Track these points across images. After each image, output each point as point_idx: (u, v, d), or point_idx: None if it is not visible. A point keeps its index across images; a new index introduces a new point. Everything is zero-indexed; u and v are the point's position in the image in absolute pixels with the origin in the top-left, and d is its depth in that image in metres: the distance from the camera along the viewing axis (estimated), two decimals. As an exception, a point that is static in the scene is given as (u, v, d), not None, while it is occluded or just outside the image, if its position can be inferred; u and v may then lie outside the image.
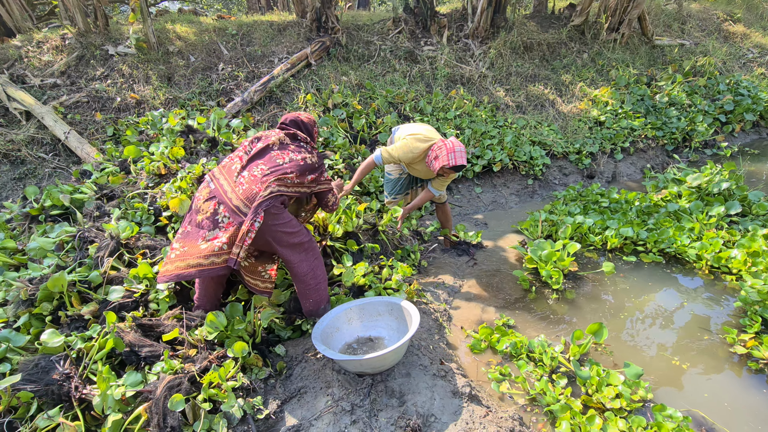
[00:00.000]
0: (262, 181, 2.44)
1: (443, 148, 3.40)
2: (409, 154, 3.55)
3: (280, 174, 2.47)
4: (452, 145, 3.39)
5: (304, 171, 2.59)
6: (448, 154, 3.36)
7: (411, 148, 3.53)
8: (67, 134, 4.89)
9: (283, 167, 2.51)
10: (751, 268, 3.50)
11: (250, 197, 2.40)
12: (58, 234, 3.24)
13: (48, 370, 2.32)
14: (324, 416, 2.25)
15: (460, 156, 3.37)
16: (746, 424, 2.41)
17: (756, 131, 7.64)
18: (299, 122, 2.81)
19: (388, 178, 4.17)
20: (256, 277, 2.71)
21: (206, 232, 2.45)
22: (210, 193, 2.52)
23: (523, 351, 2.94)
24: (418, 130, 3.64)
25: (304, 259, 2.62)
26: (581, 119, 6.69)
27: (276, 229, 2.48)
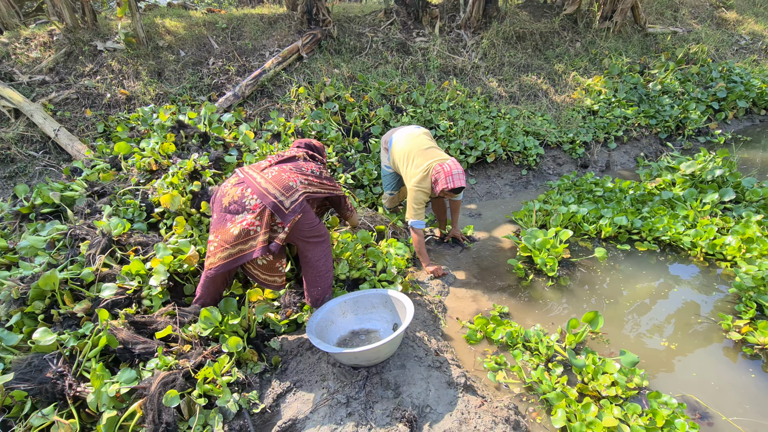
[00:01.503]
0: (290, 173, 2.63)
1: (441, 172, 3.45)
2: (425, 197, 3.62)
3: (305, 175, 2.69)
4: (449, 168, 3.43)
5: (324, 181, 2.82)
6: (446, 178, 3.41)
7: (424, 190, 3.58)
8: (56, 132, 4.84)
9: (305, 173, 2.72)
10: (745, 254, 3.51)
11: (280, 182, 2.53)
12: (49, 232, 3.21)
13: (41, 369, 2.31)
14: (320, 409, 2.25)
15: (458, 179, 3.41)
16: (740, 408, 2.43)
17: (749, 118, 7.65)
18: (312, 146, 3.12)
19: (386, 172, 4.15)
20: (273, 273, 2.74)
21: (234, 216, 2.50)
22: (238, 181, 2.59)
23: (518, 340, 2.95)
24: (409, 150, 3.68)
25: (318, 245, 2.72)
26: (574, 109, 6.68)
27: (303, 221, 2.59)
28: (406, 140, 3.77)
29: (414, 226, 3.64)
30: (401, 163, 3.73)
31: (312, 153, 3.05)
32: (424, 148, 3.66)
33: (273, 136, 5.04)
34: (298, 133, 5.04)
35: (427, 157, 3.59)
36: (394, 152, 3.83)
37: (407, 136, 3.80)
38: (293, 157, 2.86)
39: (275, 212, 2.46)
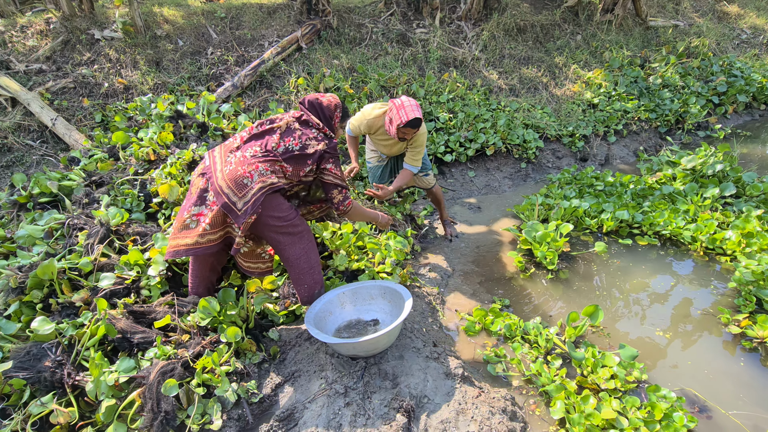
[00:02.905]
0: (249, 162, 2.37)
1: (393, 108, 3.24)
2: (366, 120, 3.49)
3: (274, 158, 2.41)
4: (401, 102, 3.22)
5: (301, 160, 2.46)
6: (398, 111, 3.18)
7: (366, 113, 3.51)
8: (54, 121, 4.80)
9: (275, 153, 2.42)
10: (745, 248, 3.52)
11: (233, 179, 2.34)
12: (47, 221, 3.20)
13: (40, 358, 2.31)
14: (318, 399, 2.25)
15: (411, 110, 3.15)
16: (739, 401, 2.44)
17: (749, 113, 7.63)
18: (316, 105, 2.61)
19: (369, 166, 4.11)
20: (257, 260, 2.72)
21: (193, 207, 2.44)
22: (203, 169, 2.48)
23: (518, 333, 2.95)
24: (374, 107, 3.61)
25: (295, 242, 2.57)
26: (574, 102, 6.65)
27: (268, 215, 2.44)
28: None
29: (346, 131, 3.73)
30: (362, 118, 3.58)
31: (307, 117, 2.58)
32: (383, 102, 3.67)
33: (272, 127, 5.01)
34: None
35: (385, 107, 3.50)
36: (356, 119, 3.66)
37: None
38: (271, 129, 2.51)
39: (228, 213, 2.34)
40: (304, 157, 2.47)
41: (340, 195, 2.63)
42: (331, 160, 2.55)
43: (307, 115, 2.58)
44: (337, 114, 2.67)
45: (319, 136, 2.53)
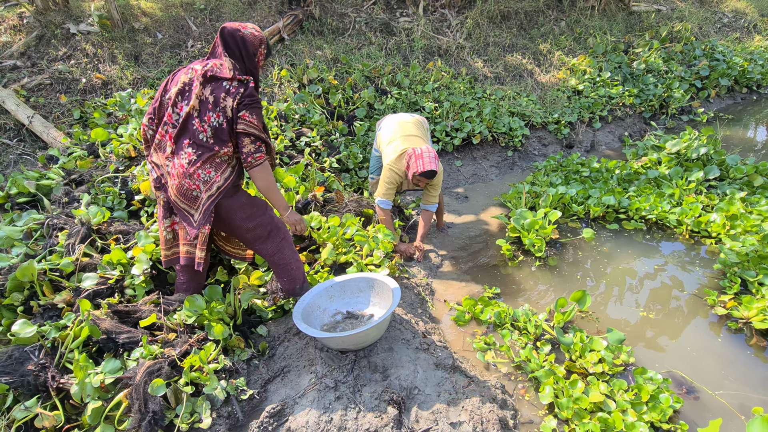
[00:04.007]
0: (190, 173, 2.21)
1: (412, 156, 3.36)
2: (397, 177, 3.54)
3: (207, 157, 2.21)
4: (421, 151, 3.34)
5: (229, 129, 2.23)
6: (416, 161, 3.32)
7: (395, 171, 3.52)
8: (31, 118, 4.68)
9: (206, 144, 2.21)
10: (729, 231, 3.56)
11: (183, 194, 2.25)
12: (26, 222, 3.12)
13: (22, 361, 2.26)
14: (308, 394, 2.24)
15: (429, 161, 3.29)
16: (725, 381, 2.48)
17: (731, 96, 7.71)
18: (238, 38, 2.22)
19: (375, 155, 4.08)
20: (236, 247, 2.70)
21: (164, 219, 2.46)
22: (154, 182, 2.37)
23: (507, 320, 2.96)
24: (394, 135, 3.63)
25: (266, 242, 2.52)
26: (559, 89, 6.66)
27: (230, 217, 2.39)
28: (394, 124, 3.73)
29: (380, 205, 3.57)
30: (384, 144, 3.70)
31: (215, 69, 2.17)
32: (407, 134, 3.62)
33: (256, 120, 4.94)
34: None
35: (408, 142, 3.55)
36: (380, 134, 3.81)
37: (398, 121, 3.76)
38: (189, 115, 2.20)
39: (188, 225, 2.31)
40: (228, 124, 2.22)
41: (252, 145, 2.22)
42: (246, 107, 2.20)
43: (219, 59, 2.22)
44: (261, 51, 2.32)
45: (231, 88, 2.17)
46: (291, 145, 4.60)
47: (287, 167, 4.14)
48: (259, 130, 2.23)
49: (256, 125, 2.22)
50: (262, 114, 2.26)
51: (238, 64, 2.22)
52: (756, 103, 7.53)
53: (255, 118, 2.21)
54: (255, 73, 2.31)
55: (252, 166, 2.25)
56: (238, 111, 2.18)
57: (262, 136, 2.24)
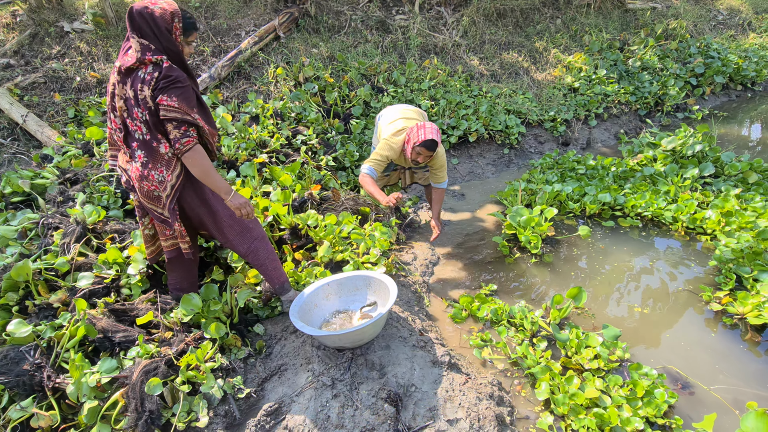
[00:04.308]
0: (145, 176, 2.17)
1: (413, 129, 3.36)
2: (392, 152, 3.50)
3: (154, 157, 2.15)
4: (423, 124, 3.33)
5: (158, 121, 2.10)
6: (418, 132, 3.30)
7: (391, 144, 3.49)
8: (24, 117, 4.65)
9: (149, 145, 2.14)
10: (724, 227, 3.58)
11: (147, 197, 2.24)
12: (20, 221, 3.10)
13: (18, 361, 2.25)
14: (305, 392, 2.24)
15: (430, 131, 3.26)
16: (720, 376, 2.49)
17: (725, 93, 7.75)
18: (147, 17, 2.02)
19: None
20: None
21: (142, 218, 2.46)
22: (125, 185, 2.35)
23: (503, 317, 2.97)
24: (395, 117, 3.64)
25: (240, 240, 2.49)
26: (555, 86, 6.67)
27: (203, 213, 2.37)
28: (395, 110, 3.78)
29: (363, 171, 3.44)
30: (383, 128, 3.68)
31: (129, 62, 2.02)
32: (408, 117, 3.67)
33: (251, 118, 4.93)
34: (277, 115, 4.94)
35: (409, 123, 3.60)
36: (380, 123, 3.79)
37: (399, 108, 3.80)
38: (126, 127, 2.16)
39: (164, 224, 2.33)
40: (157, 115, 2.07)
41: (176, 131, 2.05)
42: (162, 90, 2.02)
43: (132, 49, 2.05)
44: (175, 25, 2.09)
45: (146, 75, 2.02)
46: (287, 143, 4.59)
47: (283, 165, 4.13)
48: (181, 113, 2.03)
49: (177, 107, 2.02)
50: (187, 93, 2.06)
51: (153, 44, 2.03)
52: (750, 101, 7.57)
53: (175, 99, 2.02)
54: (176, 51, 2.11)
55: (181, 152, 2.09)
56: (155, 97, 2.03)
57: (186, 119, 2.05)
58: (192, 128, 2.10)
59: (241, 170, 3.80)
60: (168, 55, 2.07)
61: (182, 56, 2.14)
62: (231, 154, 4.05)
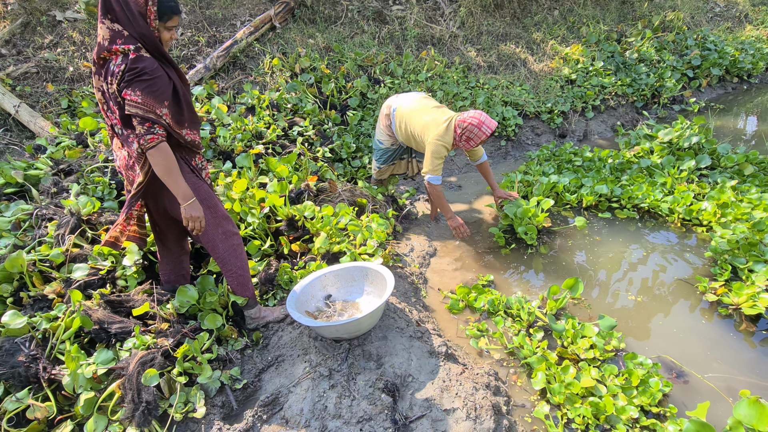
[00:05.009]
0: (131, 165, 2.18)
1: (471, 125, 3.37)
2: (445, 150, 3.50)
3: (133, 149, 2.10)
4: (477, 118, 3.37)
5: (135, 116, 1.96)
6: (479, 128, 3.36)
7: (445, 144, 3.46)
8: (17, 108, 4.60)
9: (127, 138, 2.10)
10: (720, 219, 3.59)
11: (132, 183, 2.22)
12: (14, 212, 3.08)
13: (13, 353, 2.24)
14: (303, 382, 2.24)
15: (490, 122, 3.37)
16: (714, 365, 2.51)
17: (722, 86, 7.75)
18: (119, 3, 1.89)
19: (379, 146, 3.99)
20: None
21: None
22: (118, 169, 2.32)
23: (500, 308, 2.98)
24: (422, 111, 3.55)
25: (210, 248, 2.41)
26: (553, 78, 6.65)
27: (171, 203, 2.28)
28: (413, 100, 3.68)
29: (432, 182, 3.53)
30: (410, 119, 3.57)
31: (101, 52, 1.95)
32: (435, 106, 3.61)
33: (247, 109, 4.89)
34: (273, 106, 4.90)
35: (443, 112, 3.55)
36: (399, 113, 3.65)
37: (414, 97, 3.71)
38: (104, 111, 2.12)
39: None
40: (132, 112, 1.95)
41: (140, 126, 1.94)
42: (127, 84, 1.91)
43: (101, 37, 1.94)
44: (149, 8, 1.95)
45: (115, 68, 1.92)
46: (283, 134, 4.56)
47: (280, 157, 4.11)
48: (144, 109, 1.92)
49: (140, 103, 1.91)
50: (154, 87, 1.93)
51: (127, 29, 1.91)
52: (746, 93, 7.57)
53: (138, 94, 1.90)
54: (150, 37, 1.97)
55: (145, 149, 1.97)
56: (121, 92, 1.93)
57: (147, 116, 1.93)
58: (157, 125, 1.97)
59: (237, 161, 3.78)
60: (143, 42, 1.95)
61: (158, 43, 2.01)
62: (227, 145, 4.02)
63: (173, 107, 2.06)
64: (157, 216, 2.44)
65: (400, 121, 3.68)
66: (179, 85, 2.11)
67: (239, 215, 3.22)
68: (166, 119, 2.00)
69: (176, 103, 2.09)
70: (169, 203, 2.29)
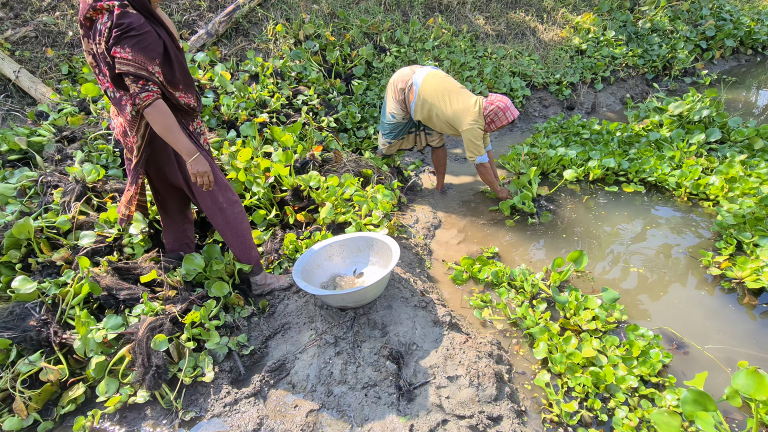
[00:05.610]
0: (126, 132, 2.14)
1: (497, 110, 3.45)
2: (482, 132, 3.55)
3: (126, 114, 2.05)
4: (503, 103, 3.45)
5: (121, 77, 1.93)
6: (504, 112, 3.45)
7: (480, 126, 3.51)
8: (17, 73, 4.52)
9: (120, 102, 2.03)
10: (728, 193, 3.57)
11: (130, 150, 2.19)
12: (19, 179, 3.07)
13: (24, 317, 2.28)
14: (308, 349, 2.28)
15: (513, 110, 3.48)
16: (715, 336, 2.54)
17: (735, 58, 7.56)
18: None
19: (390, 120, 3.87)
20: None
21: None
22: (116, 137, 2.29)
23: (504, 279, 3.00)
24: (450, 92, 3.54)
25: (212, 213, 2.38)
26: (562, 48, 6.49)
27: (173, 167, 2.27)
28: (436, 80, 3.61)
29: (482, 162, 3.65)
30: (436, 103, 3.55)
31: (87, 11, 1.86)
32: (459, 87, 3.63)
33: (251, 77, 4.81)
34: (277, 74, 4.82)
35: (468, 95, 3.58)
36: (422, 93, 3.59)
37: (436, 76, 3.64)
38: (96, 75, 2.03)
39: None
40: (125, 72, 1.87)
41: (134, 85, 1.88)
42: (116, 41, 1.84)
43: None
44: None
45: (102, 27, 1.86)
46: (288, 103, 4.50)
47: (284, 126, 4.06)
48: (136, 66, 1.84)
49: (131, 60, 1.84)
50: (144, 43, 1.86)
51: None
52: (760, 65, 7.40)
53: (128, 51, 1.83)
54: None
55: (141, 108, 1.92)
56: (110, 50, 1.86)
57: (140, 74, 1.86)
58: (151, 82, 1.90)
59: (241, 130, 3.74)
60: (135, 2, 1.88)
61: (145, 1, 1.93)
62: (230, 113, 3.98)
63: (165, 67, 2.00)
64: (158, 183, 2.42)
65: (423, 102, 3.61)
66: (170, 44, 2.03)
67: (244, 184, 3.21)
68: (159, 77, 1.94)
69: (167, 64, 2.02)
70: (169, 169, 2.27)
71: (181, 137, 2.04)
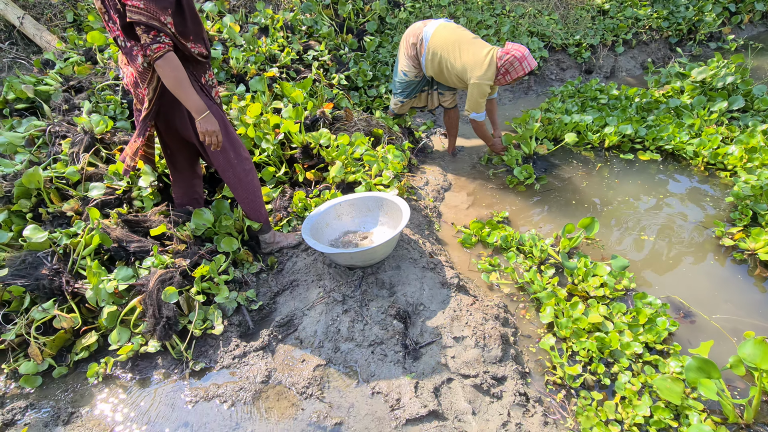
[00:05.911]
0: (137, 82, 2.10)
1: (513, 59, 3.27)
2: (488, 89, 3.41)
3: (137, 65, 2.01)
4: (520, 52, 3.27)
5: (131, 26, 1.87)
6: (521, 62, 3.28)
7: (488, 83, 3.36)
8: (21, 19, 4.41)
9: (130, 52, 1.99)
10: (746, 163, 3.47)
11: (141, 101, 2.15)
12: (27, 128, 3.04)
13: (36, 266, 2.30)
14: (316, 306, 2.30)
15: (531, 60, 3.29)
16: (723, 305, 2.54)
17: (764, 23, 7.21)
18: None
19: (403, 78, 3.74)
20: None
21: None
22: (126, 86, 2.26)
23: (513, 244, 2.98)
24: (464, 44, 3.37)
25: (223, 170, 2.35)
26: (584, 7, 6.21)
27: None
28: (446, 31, 3.44)
29: (476, 119, 3.57)
30: (446, 55, 3.41)
31: None
32: (472, 37, 3.44)
33: (260, 30, 4.66)
34: (287, 28, 4.66)
35: (481, 45, 3.38)
36: (432, 45, 3.44)
37: (447, 28, 3.47)
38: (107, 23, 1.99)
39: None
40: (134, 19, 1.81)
41: (145, 35, 1.82)
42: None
43: None
44: None
45: None
46: (298, 58, 4.37)
47: (294, 82, 3.97)
48: (148, 16, 1.79)
49: (142, 8, 1.78)
50: None
51: None
52: (791, 32, 7.06)
53: (139, 1, 1.78)
54: None
55: (152, 59, 1.86)
56: None
57: (152, 23, 1.80)
58: (163, 33, 1.84)
59: (250, 85, 3.66)
60: None
61: None
62: (240, 67, 3.88)
63: (177, 17, 1.93)
64: (167, 137, 2.38)
65: (433, 55, 3.46)
66: None
67: (253, 140, 3.16)
68: (171, 28, 1.88)
69: (179, 14, 1.95)
70: (180, 124, 2.23)
71: (191, 93, 1.98)
